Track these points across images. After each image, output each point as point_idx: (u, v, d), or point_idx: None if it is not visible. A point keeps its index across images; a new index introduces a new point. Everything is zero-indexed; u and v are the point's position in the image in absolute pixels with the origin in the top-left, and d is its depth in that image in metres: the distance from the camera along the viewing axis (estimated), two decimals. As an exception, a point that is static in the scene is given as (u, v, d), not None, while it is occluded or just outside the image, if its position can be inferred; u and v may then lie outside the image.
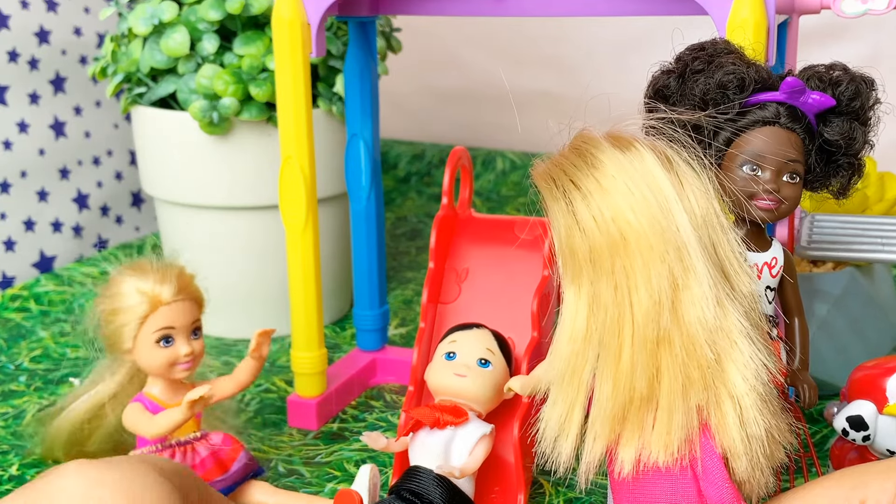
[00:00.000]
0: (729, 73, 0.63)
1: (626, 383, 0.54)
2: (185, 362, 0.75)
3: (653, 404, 0.54)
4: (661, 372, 0.54)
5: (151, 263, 0.76)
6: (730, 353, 0.54)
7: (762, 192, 0.63)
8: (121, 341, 0.75)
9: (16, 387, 1.02)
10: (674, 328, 0.53)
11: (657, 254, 0.53)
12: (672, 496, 0.55)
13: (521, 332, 0.80)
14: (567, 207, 0.55)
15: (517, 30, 1.62)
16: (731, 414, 0.54)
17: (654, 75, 0.67)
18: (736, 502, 0.55)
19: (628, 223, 0.54)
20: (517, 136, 1.67)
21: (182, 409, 0.72)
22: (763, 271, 0.67)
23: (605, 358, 0.54)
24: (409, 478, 0.71)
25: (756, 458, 0.54)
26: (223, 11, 1.02)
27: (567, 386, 0.56)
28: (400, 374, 1.01)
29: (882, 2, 0.74)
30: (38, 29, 1.29)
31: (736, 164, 0.64)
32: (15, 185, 1.27)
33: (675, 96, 0.65)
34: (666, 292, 0.53)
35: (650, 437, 0.54)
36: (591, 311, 0.55)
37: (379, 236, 1.01)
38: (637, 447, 0.55)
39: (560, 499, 0.80)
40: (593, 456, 0.56)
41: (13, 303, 1.22)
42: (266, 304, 1.12)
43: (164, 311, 0.75)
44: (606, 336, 0.54)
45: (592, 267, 0.54)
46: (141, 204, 1.46)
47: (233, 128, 1.05)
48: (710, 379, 0.54)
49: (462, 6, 0.87)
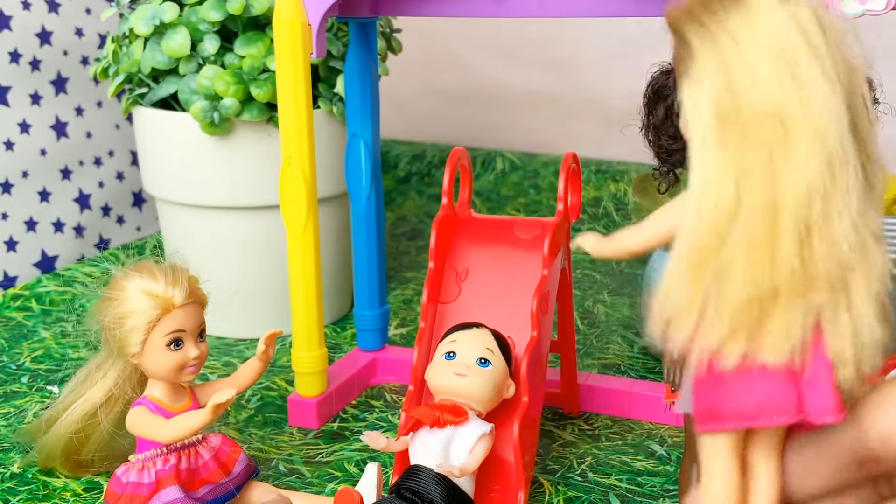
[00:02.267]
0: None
1: (760, 275, 0.48)
2: (193, 365, 0.74)
3: (776, 301, 0.49)
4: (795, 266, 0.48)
5: (159, 266, 0.75)
6: (862, 254, 0.49)
7: None
8: (128, 345, 0.74)
9: (17, 387, 1.02)
10: (821, 219, 0.47)
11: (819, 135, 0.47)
12: (770, 397, 0.50)
13: (520, 331, 0.80)
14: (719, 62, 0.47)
15: (517, 30, 1.63)
16: (847, 319, 0.49)
17: (652, 75, 0.67)
18: (838, 411, 0.50)
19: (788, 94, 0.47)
20: (517, 136, 1.68)
21: (206, 412, 0.71)
22: None
23: (742, 243, 0.48)
24: (409, 477, 0.72)
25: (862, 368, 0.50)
26: (224, 12, 1.03)
27: (696, 267, 0.49)
28: (400, 374, 1.02)
29: (881, 2, 0.74)
30: (40, 29, 1.29)
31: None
32: (16, 185, 1.27)
33: (674, 95, 0.65)
34: (823, 178, 0.47)
35: (764, 335, 0.49)
36: (738, 186, 0.47)
37: (379, 236, 1.01)
38: (747, 343, 0.49)
39: (560, 497, 0.80)
40: (705, 348, 0.50)
41: (14, 302, 1.22)
42: (267, 304, 1.12)
43: (176, 314, 0.73)
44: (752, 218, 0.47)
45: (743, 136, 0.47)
46: (142, 204, 1.47)
47: (234, 128, 1.05)
48: (836, 279, 0.49)
49: (462, 7, 0.87)
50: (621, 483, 0.82)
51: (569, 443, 0.89)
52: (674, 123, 0.66)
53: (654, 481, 0.82)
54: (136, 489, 0.72)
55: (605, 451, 0.87)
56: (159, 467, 0.73)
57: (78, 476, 0.83)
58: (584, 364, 1.05)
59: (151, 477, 0.73)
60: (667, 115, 0.66)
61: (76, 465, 0.82)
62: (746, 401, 0.50)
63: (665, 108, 0.66)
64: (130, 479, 0.73)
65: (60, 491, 0.82)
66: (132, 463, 0.74)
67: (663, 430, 0.91)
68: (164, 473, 0.73)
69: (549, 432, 0.91)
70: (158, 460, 0.73)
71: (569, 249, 0.87)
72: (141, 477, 0.73)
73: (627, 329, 1.15)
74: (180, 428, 0.72)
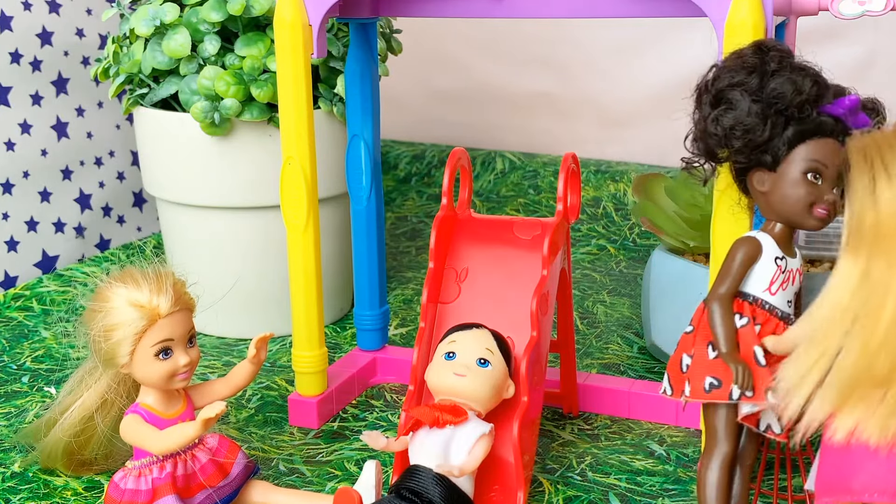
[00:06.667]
0: (811, 78, 0.65)
1: (869, 361, 0.56)
2: (184, 372, 0.74)
3: (885, 386, 0.57)
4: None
5: (143, 273, 0.73)
6: None
7: (823, 201, 0.65)
8: (117, 356, 0.72)
9: (18, 387, 1.02)
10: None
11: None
12: (873, 475, 0.58)
13: (520, 331, 0.80)
14: (870, 184, 0.57)
15: (517, 31, 1.63)
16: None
17: (717, 71, 0.67)
18: None
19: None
20: (517, 137, 1.68)
21: (196, 425, 0.70)
22: (796, 277, 0.68)
23: (858, 332, 0.56)
24: (408, 476, 0.72)
25: None
26: (224, 13, 1.03)
27: (813, 347, 0.58)
28: (400, 374, 1.02)
29: (880, 3, 0.74)
30: (41, 30, 1.29)
31: (799, 169, 0.65)
32: (17, 185, 1.28)
33: (733, 104, 0.65)
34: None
35: (872, 415, 0.57)
36: (859, 284, 0.57)
37: (379, 236, 1.02)
38: (856, 420, 0.57)
39: (559, 497, 0.80)
40: (816, 418, 0.58)
41: (15, 302, 1.22)
42: (267, 304, 1.13)
43: (162, 323, 0.72)
44: (866, 311, 0.56)
45: (875, 245, 0.57)
46: (143, 204, 1.47)
47: (234, 128, 1.05)
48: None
49: (462, 7, 0.87)
50: (620, 482, 0.82)
51: (568, 442, 0.89)
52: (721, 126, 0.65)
53: (654, 480, 0.82)
54: (134, 497, 0.72)
55: (604, 451, 0.87)
56: (155, 475, 0.73)
57: (80, 475, 0.83)
58: (583, 364, 1.05)
59: (148, 484, 0.72)
60: (748, 111, 0.65)
61: (79, 465, 0.83)
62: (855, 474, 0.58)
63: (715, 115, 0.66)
64: (128, 486, 0.73)
65: (61, 490, 0.82)
66: (129, 469, 0.74)
67: (662, 429, 0.91)
68: (161, 482, 0.73)
69: (549, 432, 0.91)
70: (154, 468, 0.73)
71: (568, 249, 0.87)
72: (138, 484, 0.73)
73: (627, 329, 1.16)
74: (171, 441, 0.71)
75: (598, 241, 1.45)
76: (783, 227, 0.67)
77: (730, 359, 0.64)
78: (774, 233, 0.68)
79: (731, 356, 0.65)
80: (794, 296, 0.69)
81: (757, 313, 0.66)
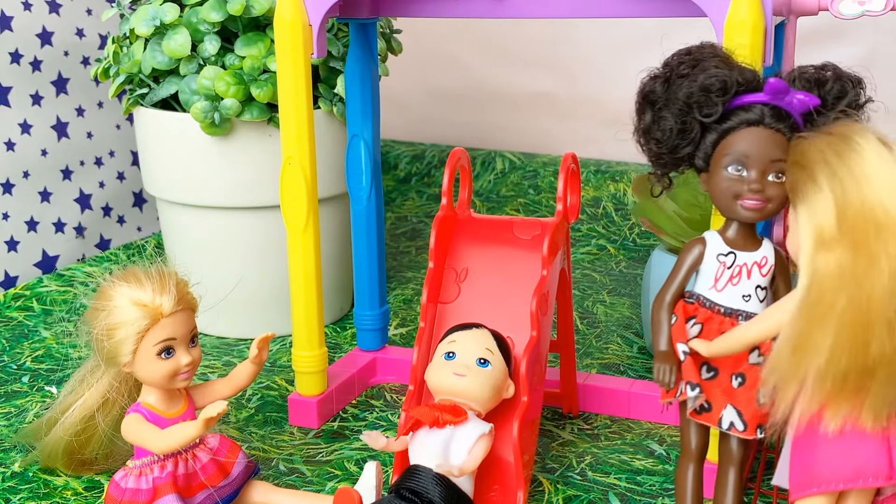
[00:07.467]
0: (711, 76, 0.65)
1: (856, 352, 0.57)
2: (186, 372, 0.74)
3: (873, 374, 0.58)
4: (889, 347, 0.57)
5: (146, 272, 0.73)
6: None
7: (747, 192, 0.65)
8: (119, 355, 0.73)
9: (18, 387, 1.02)
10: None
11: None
12: (865, 460, 0.59)
13: (520, 331, 0.80)
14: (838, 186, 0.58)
15: (517, 31, 1.63)
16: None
17: (642, 81, 0.68)
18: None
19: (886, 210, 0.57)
20: (517, 137, 1.68)
21: (198, 425, 0.70)
22: (753, 271, 0.68)
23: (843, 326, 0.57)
24: (408, 476, 0.72)
25: None
26: (224, 13, 1.03)
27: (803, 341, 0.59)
28: (400, 374, 1.02)
29: (879, 3, 0.74)
30: (41, 30, 1.30)
31: (721, 164, 0.66)
32: (18, 185, 1.28)
33: (661, 101, 0.66)
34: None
35: (864, 403, 0.58)
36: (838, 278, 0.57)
37: (379, 236, 1.02)
38: (848, 409, 0.59)
39: (559, 496, 0.80)
40: (807, 410, 0.60)
41: (15, 302, 1.22)
42: (267, 304, 1.13)
43: (164, 323, 0.72)
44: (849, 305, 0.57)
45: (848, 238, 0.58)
46: (143, 204, 1.47)
47: (234, 128, 1.06)
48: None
49: (462, 8, 0.87)
50: (620, 482, 0.82)
51: (568, 442, 0.89)
52: (660, 128, 0.66)
53: (653, 480, 0.82)
54: (134, 496, 0.72)
55: (604, 451, 0.87)
56: (156, 474, 0.73)
57: (80, 475, 0.83)
58: (583, 364, 1.05)
59: (149, 483, 0.72)
60: (653, 121, 0.67)
61: (79, 465, 0.83)
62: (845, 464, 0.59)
63: (653, 114, 0.67)
64: (129, 486, 0.73)
65: (61, 490, 0.82)
66: (130, 468, 0.74)
67: (662, 429, 0.91)
68: (161, 481, 0.73)
69: (549, 431, 0.91)
70: (155, 467, 0.73)
71: (568, 249, 0.87)
72: (139, 483, 0.73)
73: (627, 329, 1.16)
74: (172, 440, 0.71)
75: (598, 241, 1.45)
76: (735, 222, 0.68)
77: (656, 359, 0.66)
78: (724, 229, 0.68)
79: (658, 355, 0.67)
80: (756, 289, 0.68)
81: (698, 311, 0.67)
